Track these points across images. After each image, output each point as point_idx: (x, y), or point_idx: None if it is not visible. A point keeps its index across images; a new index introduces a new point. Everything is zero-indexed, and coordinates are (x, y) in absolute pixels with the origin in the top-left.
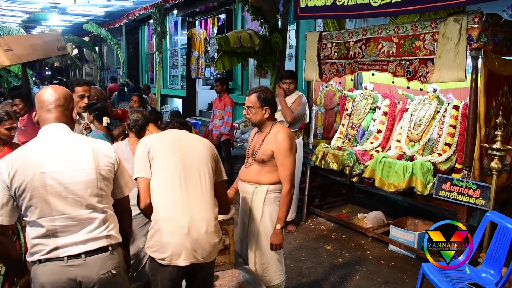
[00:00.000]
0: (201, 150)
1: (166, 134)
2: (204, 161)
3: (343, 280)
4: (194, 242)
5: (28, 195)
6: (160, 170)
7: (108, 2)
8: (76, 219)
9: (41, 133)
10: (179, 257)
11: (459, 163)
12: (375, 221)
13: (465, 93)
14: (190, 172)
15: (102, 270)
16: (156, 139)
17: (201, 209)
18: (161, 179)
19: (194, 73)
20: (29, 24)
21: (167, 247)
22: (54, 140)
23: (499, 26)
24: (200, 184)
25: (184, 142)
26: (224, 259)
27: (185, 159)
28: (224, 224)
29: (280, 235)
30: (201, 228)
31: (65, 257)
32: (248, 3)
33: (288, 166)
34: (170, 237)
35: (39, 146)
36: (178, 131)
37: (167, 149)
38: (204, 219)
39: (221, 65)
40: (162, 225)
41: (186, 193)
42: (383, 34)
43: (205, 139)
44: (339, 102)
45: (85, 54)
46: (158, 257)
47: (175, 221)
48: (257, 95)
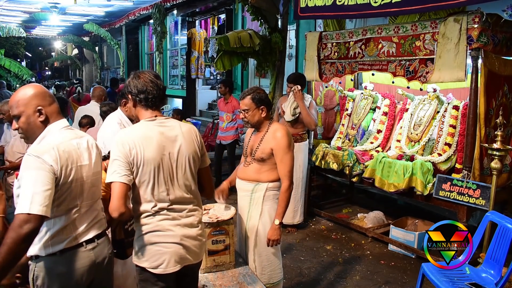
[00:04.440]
0: (187, 148)
1: (151, 133)
2: (190, 160)
3: (343, 280)
4: (186, 244)
5: (66, 187)
6: (145, 176)
7: (108, 2)
8: (92, 208)
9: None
10: (174, 262)
11: (459, 163)
12: (375, 221)
13: (465, 93)
14: (177, 175)
15: (109, 249)
16: (138, 141)
17: (189, 210)
18: (147, 186)
19: (194, 73)
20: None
21: (161, 254)
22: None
23: (499, 26)
24: (185, 187)
25: (170, 142)
26: (224, 259)
27: (171, 162)
28: (224, 224)
29: (278, 231)
30: (191, 230)
31: (83, 242)
32: (248, 3)
33: (287, 163)
34: (162, 243)
35: (74, 142)
36: (163, 125)
37: (153, 156)
38: (192, 220)
39: (221, 65)
40: (152, 232)
41: (174, 196)
42: (383, 34)
43: (189, 128)
44: (339, 102)
45: (85, 54)
46: (151, 266)
47: (165, 226)
48: (251, 97)
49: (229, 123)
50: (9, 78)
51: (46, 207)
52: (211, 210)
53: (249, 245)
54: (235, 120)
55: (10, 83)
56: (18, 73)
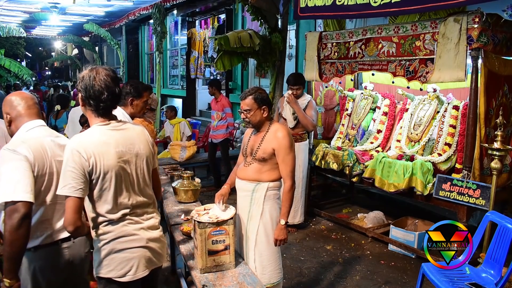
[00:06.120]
0: (143, 151)
1: (107, 139)
2: (146, 163)
3: (343, 280)
4: (151, 247)
5: (41, 180)
6: (106, 183)
7: (108, 2)
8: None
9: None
10: (143, 267)
11: (459, 163)
12: (375, 221)
13: (465, 93)
14: (136, 179)
15: (85, 248)
16: (96, 149)
17: (149, 212)
18: (108, 194)
19: (194, 73)
20: (29, 24)
21: (128, 261)
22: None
23: (499, 26)
24: (144, 190)
25: (127, 146)
26: (224, 259)
27: (130, 167)
28: (224, 224)
29: (285, 230)
30: (154, 232)
31: (59, 241)
32: (248, 3)
33: (289, 163)
34: (128, 249)
35: (48, 138)
36: (119, 129)
37: (112, 163)
38: (154, 222)
39: (221, 65)
40: (116, 239)
41: (134, 200)
42: (383, 34)
43: (142, 129)
44: (339, 102)
45: (85, 54)
46: (118, 275)
47: (130, 231)
48: (254, 97)
49: (219, 122)
50: (9, 78)
51: (29, 194)
52: (211, 210)
53: (249, 245)
54: (225, 119)
55: (10, 83)
56: (18, 73)
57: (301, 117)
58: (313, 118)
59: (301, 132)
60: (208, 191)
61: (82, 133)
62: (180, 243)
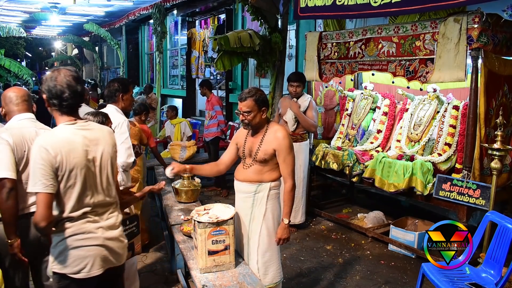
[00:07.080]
0: (108, 151)
1: (74, 137)
2: (111, 163)
3: (343, 280)
4: (109, 245)
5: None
6: (71, 181)
7: (108, 2)
8: None
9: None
10: (97, 265)
11: (459, 163)
12: (375, 221)
13: (465, 93)
14: (100, 179)
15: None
16: (62, 147)
17: (110, 212)
18: (72, 192)
19: (195, 73)
20: (29, 24)
21: (83, 258)
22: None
23: (499, 26)
24: (107, 190)
25: (93, 145)
26: (224, 259)
27: (95, 166)
28: (224, 224)
29: (287, 229)
30: (113, 232)
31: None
32: (248, 3)
33: (290, 163)
34: (84, 247)
35: (31, 129)
36: (85, 128)
37: (78, 161)
38: (114, 222)
39: (221, 65)
40: (74, 235)
41: (96, 199)
42: (383, 34)
43: (109, 130)
44: (339, 102)
45: (85, 54)
46: (72, 271)
47: (88, 229)
48: (254, 99)
49: (210, 120)
50: (9, 78)
51: (12, 172)
52: (211, 210)
53: (251, 246)
54: (216, 117)
55: (10, 83)
56: (18, 73)
57: (302, 120)
58: (314, 119)
59: (301, 132)
60: (208, 191)
61: (49, 131)
62: (180, 243)
